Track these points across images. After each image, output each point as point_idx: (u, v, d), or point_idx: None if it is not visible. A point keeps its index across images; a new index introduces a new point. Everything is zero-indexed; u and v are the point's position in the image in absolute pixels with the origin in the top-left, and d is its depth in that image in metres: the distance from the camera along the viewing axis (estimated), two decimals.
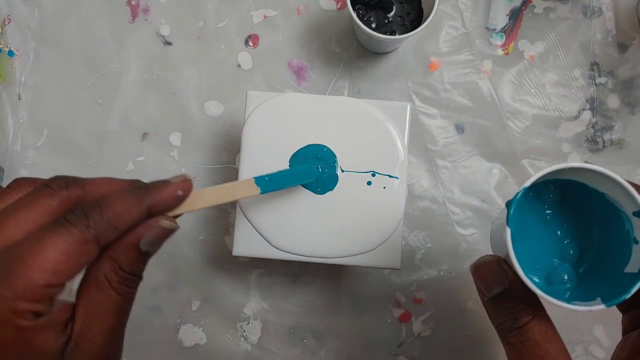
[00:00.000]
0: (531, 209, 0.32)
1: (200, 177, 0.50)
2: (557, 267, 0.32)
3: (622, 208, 0.29)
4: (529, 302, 0.28)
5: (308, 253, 0.40)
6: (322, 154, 0.40)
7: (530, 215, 0.32)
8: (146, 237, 0.25)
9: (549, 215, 0.33)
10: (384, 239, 0.39)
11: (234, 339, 0.49)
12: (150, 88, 0.51)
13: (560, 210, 0.33)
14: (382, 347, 0.49)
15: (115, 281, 0.24)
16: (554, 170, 0.28)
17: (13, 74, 0.52)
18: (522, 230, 0.31)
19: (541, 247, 0.32)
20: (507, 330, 0.28)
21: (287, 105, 0.40)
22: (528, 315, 0.28)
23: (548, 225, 0.33)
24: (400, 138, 0.40)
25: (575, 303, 0.27)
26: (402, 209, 0.39)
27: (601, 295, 0.27)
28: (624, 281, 0.27)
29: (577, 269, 0.32)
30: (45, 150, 0.51)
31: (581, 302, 0.27)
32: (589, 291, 0.29)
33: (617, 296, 0.26)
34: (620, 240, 0.29)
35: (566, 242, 0.32)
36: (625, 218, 0.29)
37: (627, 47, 0.50)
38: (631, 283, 0.26)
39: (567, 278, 0.31)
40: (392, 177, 0.40)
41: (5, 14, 0.52)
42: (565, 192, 0.32)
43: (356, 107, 0.40)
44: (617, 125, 0.50)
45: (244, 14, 0.52)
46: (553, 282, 0.32)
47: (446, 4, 0.51)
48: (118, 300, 0.25)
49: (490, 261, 0.30)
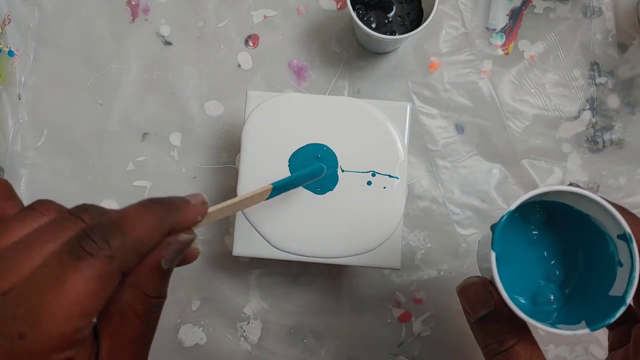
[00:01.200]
0: (517, 229, 0.32)
1: (200, 177, 0.50)
2: (543, 288, 0.32)
3: (606, 230, 0.29)
4: (515, 324, 0.28)
5: (308, 253, 0.40)
6: (322, 153, 0.40)
7: (517, 236, 0.32)
8: (167, 256, 0.23)
9: (536, 236, 0.33)
10: (384, 239, 0.39)
11: (234, 339, 0.49)
12: (150, 88, 0.51)
13: (546, 231, 0.33)
14: (382, 347, 0.48)
15: (141, 309, 0.22)
16: (538, 193, 0.28)
17: (13, 74, 0.52)
18: (508, 251, 0.30)
19: (527, 267, 0.32)
20: (493, 352, 0.28)
21: (287, 105, 0.40)
22: (514, 338, 0.28)
23: (534, 245, 0.33)
24: (400, 138, 0.40)
25: (559, 327, 0.27)
26: (402, 209, 0.39)
27: (586, 318, 0.27)
28: (609, 304, 0.27)
29: (563, 290, 0.32)
30: (45, 150, 0.51)
31: (566, 326, 0.27)
32: (574, 313, 0.29)
33: (601, 320, 0.26)
34: (606, 262, 0.29)
35: (552, 262, 0.32)
36: (610, 240, 0.29)
37: (627, 47, 0.50)
38: (615, 307, 0.26)
39: (553, 299, 0.31)
40: (392, 177, 0.40)
41: (5, 14, 0.52)
42: (552, 213, 0.32)
43: (356, 107, 0.40)
44: (617, 125, 0.50)
45: (244, 14, 0.52)
46: (539, 303, 0.31)
47: (446, 4, 0.51)
48: (144, 328, 0.23)
49: (476, 283, 0.29)
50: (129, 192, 0.50)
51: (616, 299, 0.27)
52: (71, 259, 0.19)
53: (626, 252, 0.27)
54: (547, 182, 0.49)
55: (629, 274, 0.27)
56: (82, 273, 0.19)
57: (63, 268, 0.19)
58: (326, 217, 0.40)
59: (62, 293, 0.19)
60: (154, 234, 0.22)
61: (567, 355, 0.48)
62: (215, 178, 0.50)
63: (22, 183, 0.51)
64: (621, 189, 0.49)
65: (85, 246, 0.20)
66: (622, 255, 0.28)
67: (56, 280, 0.19)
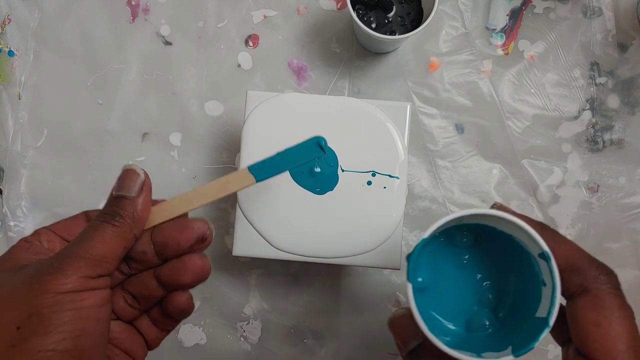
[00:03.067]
0: (446, 255, 0.31)
1: (200, 177, 0.50)
2: (477, 313, 0.31)
3: (529, 250, 0.28)
4: (446, 356, 0.27)
5: (308, 253, 0.40)
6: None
7: (446, 261, 0.31)
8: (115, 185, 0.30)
9: (466, 260, 0.31)
10: (384, 239, 0.39)
11: (234, 339, 0.49)
12: (150, 88, 0.51)
13: (477, 253, 0.31)
14: (382, 347, 0.48)
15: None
16: (452, 218, 0.27)
17: (13, 74, 0.52)
18: (438, 278, 0.29)
19: (460, 293, 0.31)
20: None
21: (287, 105, 0.40)
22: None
23: (465, 270, 0.31)
24: (400, 138, 0.40)
25: (485, 355, 0.26)
26: (402, 209, 0.39)
27: (513, 342, 0.26)
28: (535, 326, 0.26)
29: (497, 314, 0.31)
30: (45, 150, 0.51)
31: (492, 353, 0.26)
32: (505, 337, 0.28)
33: (527, 344, 0.25)
34: (533, 282, 0.28)
35: (485, 286, 0.31)
36: (533, 260, 0.28)
37: (627, 47, 0.50)
38: (540, 329, 0.25)
39: (488, 324, 0.30)
40: (392, 177, 0.40)
41: (5, 14, 0.52)
42: (479, 235, 0.31)
43: (356, 107, 0.40)
44: (617, 125, 0.50)
45: (244, 14, 0.52)
46: (474, 329, 0.30)
47: (446, 4, 0.51)
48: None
49: (403, 315, 0.29)
50: None
51: (541, 321, 0.26)
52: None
53: (547, 271, 0.26)
54: (547, 182, 0.50)
55: (551, 294, 0.26)
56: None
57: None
58: (326, 217, 0.40)
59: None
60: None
61: None
62: (215, 178, 0.50)
63: (22, 183, 0.51)
64: (621, 189, 0.49)
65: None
66: (544, 274, 0.27)
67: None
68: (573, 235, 0.49)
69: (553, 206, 0.49)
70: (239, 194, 0.40)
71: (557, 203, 0.49)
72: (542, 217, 0.49)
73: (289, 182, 0.40)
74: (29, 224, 0.50)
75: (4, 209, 0.50)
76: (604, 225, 0.49)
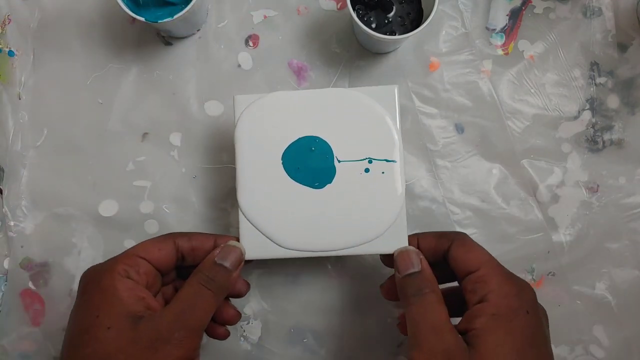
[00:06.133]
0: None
1: (200, 177, 0.50)
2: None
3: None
4: (430, 281, 0.37)
5: (316, 248, 0.40)
6: (316, 145, 0.40)
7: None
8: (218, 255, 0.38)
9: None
10: (390, 223, 0.40)
11: (234, 338, 0.49)
12: (150, 88, 0.51)
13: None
14: (382, 347, 0.49)
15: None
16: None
17: (13, 74, 0.52)
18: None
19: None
20: (411, 295, 0.36)
21: (275, 104, 0.41)
22: (427, 289, 0.36)
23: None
24: (392, 121, 0.40)
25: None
26: (403, 191, 0.40)
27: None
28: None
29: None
30: (45, 150, 0.51)
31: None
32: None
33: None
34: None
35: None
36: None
37: (627, 47, 0.50)
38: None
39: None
40: (389, 162, 0.40)
41: (5, 14, 0.52)
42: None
43: (344, 96, 0.41)
44: (617, 125, 0.50)
45: (244, 14, 0.52)
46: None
47: (446, 4, 0.51)
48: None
49: (413, 251, 0.38)
50: (129, 192, 0.50)
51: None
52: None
53: None
54: (546, 182, 0.50)
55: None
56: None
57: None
58: (329, 210, 0.40)
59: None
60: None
61: (567, 356, 0.48)
62: (215, 178, 0.50)
63: (22, 183, 0.51)
64: (621, 189, 0.49)
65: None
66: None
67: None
68: (573, 235, 0.49)
69: (553, 206, 0.50)
70: (240, 199, 0.40)
71: (557, 203, 0.50)
72: (542, 217, 0.49)
73: (289, 182, 0.40)
74: (29, 224, 0.50)
75: (4, 209, 0.50)
76: (604, 225, 0.49)
